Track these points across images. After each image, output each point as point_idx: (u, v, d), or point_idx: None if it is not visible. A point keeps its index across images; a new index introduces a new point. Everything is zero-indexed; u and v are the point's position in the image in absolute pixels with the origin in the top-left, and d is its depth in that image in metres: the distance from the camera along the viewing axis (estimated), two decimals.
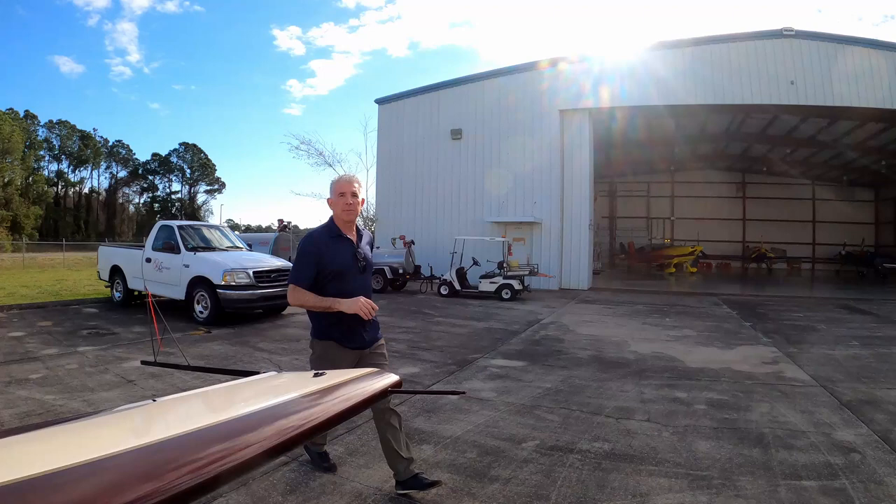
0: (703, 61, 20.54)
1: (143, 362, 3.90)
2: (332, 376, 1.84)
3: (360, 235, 3.66)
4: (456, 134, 23.28)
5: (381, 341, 3.83)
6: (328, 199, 3.58)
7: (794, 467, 4.27)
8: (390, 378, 1.86)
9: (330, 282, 3.44)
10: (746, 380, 7.18)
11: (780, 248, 34.46)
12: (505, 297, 17.03)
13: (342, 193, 3.49)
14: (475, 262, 18.21)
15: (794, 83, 19.83)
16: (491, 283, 17.36)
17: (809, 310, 15.25)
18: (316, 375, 1.86)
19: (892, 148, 26.65)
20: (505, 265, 17.78)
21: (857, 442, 4.84)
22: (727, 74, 20.36)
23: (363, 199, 3.67)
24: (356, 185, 3.56)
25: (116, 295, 13.81)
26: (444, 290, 17.87)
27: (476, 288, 17.68)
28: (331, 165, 32.79)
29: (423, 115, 24.21)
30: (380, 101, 25.76)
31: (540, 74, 22.27)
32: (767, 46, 20.24)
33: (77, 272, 23.39)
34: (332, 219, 3.59)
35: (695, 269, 31.80)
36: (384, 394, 1.79)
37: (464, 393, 6.09)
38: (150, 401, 1.65)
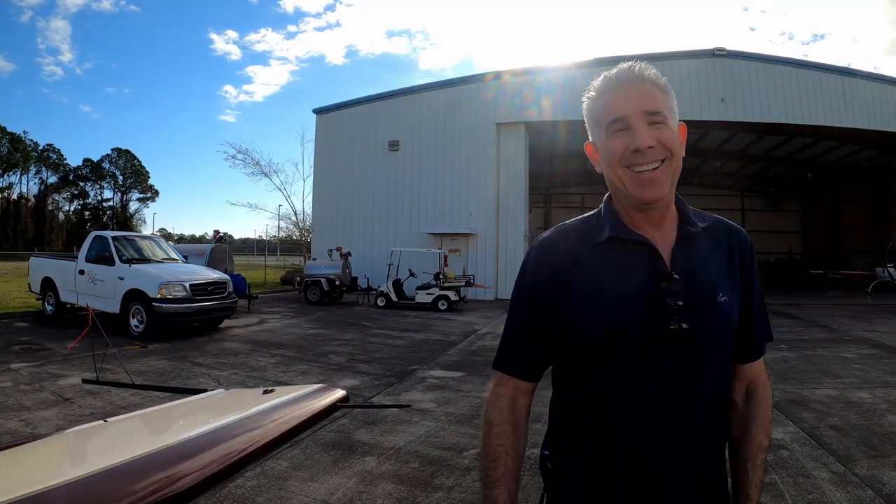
0: None
1: (84, 380, 3.80)
2: (281, 392, 1.86)
3: (686, 233, 1.30)
4: (393, 145, 23.53)
5: None
6: (586, 146, 1.41)
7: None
8: (337, 393, 1.87)
9: (588, 368, 1.30)
10: None
11: None
12: (442, 308, 17.19)
13: (616, 124, 1.25)
14: (411, 274, 18.35)
15: (725, 100, 20.82)
16: (427, 294, 17.52)
17: None
18: (266, 392, 1.88)
19: (820, 160, 28.17)
20: (441, 276, 17.96)
21: (785, 439, 5.15)
22: None
23: (680, 131, 1.29)
24: (655, 92, 1.26)
25: (48, 308, 13.30)
26: (380, 302, 17.92)
27: (413, 299, 17.77)
28: (267, 175, 32.43)
29: (360, 125, 24.33)
30: (318, 111, 25.80)
31: (477, 88, 22.78)
32: (700, 65, 21.24)
33: (5, 283, 22.34)
34: (607, 198, 1.37)
35: None
36: (332, 409, 1.80)
37: (408, 406, 6.15)
38: (102, 421, 1.68)
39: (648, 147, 1.20)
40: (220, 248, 19.66)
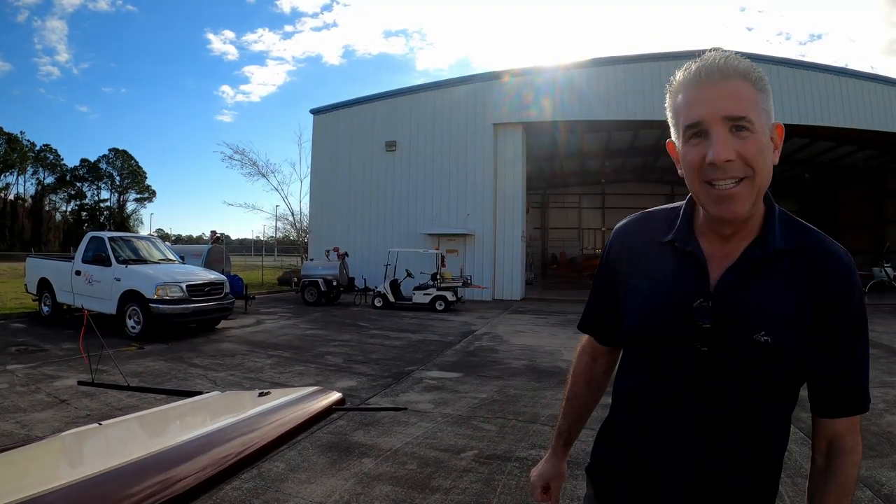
0: (636, 78, 21.34)
1: (80, 382, 3.77)
2: (277, 395, 1.84)
3: (750, 255, 1.17)
4: (391, 146, 23.53)
5: None
6: (668, 143, 1.29)
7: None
8: (333, 395, 1.84)
9: (635, 356, 1.33)
10: None
11: None
12: (439, 308, 17.21)
13: (692, 129, 1.13)
14: (409, 274, 18.34)
15: None
16: (425, 294, 17.52)
17: None
18: (261, 395, 1.87)
19: (817, 161, 28.22)
20: (438, 277, 17.96)
21: None
22: (659, 91, 21.10)
23: (775, 132, 1.19)
24: (741, 91, 1.10)
25: (45, 309, 13.27)
26: (378, 303, 17.90)
27: (410, 300, 17.78)
28: (264, 176, 32.38)
29: (358, 126, 24.32)
30: (315, 112, 25.81)
31: (474, 88, 22.78)
32: None
33: (1, 283, 22.26)
34: (690, 197, 1.29)
35: None
36: (328, 411, 1.78)
37: (405, 409, 6.13)
38: (96, 424, 1.66)
39: (726, 161, 1.07)
40: (217, 249, 19.63)
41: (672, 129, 1.23)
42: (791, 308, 1.13)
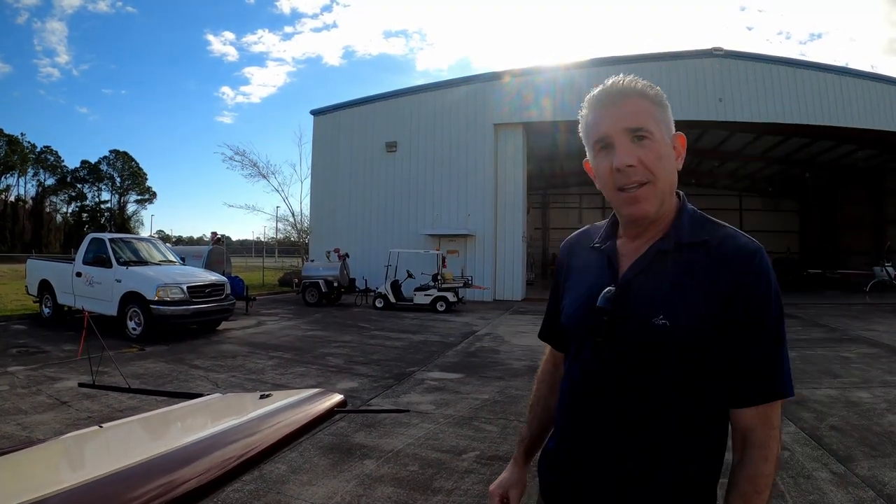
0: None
1: (80, 384, 3.76)
2: (278, 397, 1.84)
3: (656, 249, 1.27)
4: (391, 146, 23.54)
5: None
6: (585, 163, 1.45)
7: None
8: (335, 398, 1.84)
9: (570, 353, 1.41)
10: None
11: None
12: (440, 309, 17.18)
13: (599, 143, 1.29)
14: (410, 275, 18.33)
15: (723, 100, 20.82)
16: (426, 295, 17.50)
17: None
18: (263, 397, 1.86)
19: (817, 160, 28.21)
20: (439, 277, 17.93)
21: (785, 440, 5.12)
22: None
23: (677, 141, 1.29)
24: (640, 106, 1.24)
25: (46, 311, 13.28)
26: (379, 303, 17.88)
27: (411, 300, 17.75)
28: (265, 177, 32.46)
29: (358, 127, 24.32)
30: (315, 113, 25.84)
31: (475, 89, 22.78)
32: (698, 65, 21.24)
33: (2, 285, 22.29)
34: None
35: None
36: (330, 414, 1.78)
37: (407, 411, 6.12)
38: (97, 427, 1.66)
39: (628, 166, 1.19)
40: (218, 250, 19.65)
41: (586, 149, 1.37)
42: (693, 296, 1.18)
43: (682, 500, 1.22)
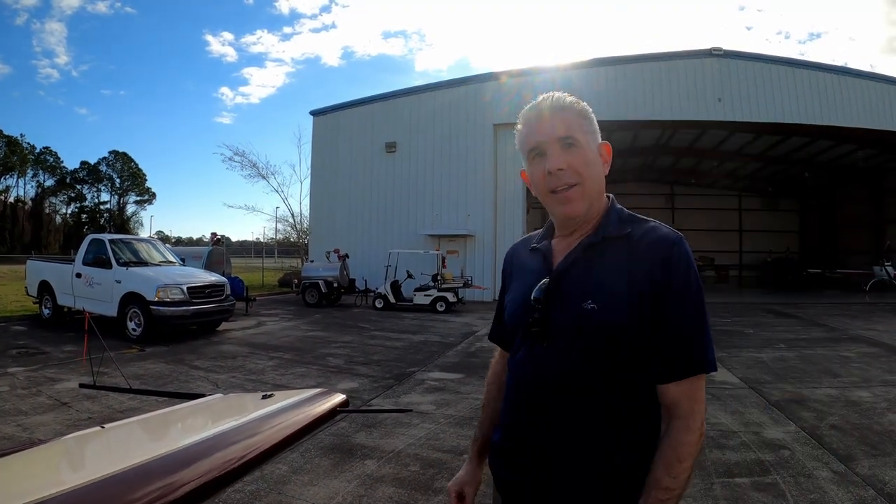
0: (637, 78, 21.36)
1: (81, 385, 3.75)
2: (280, 398, 1.83)
3: (585, 243, 1.39)
4: (391, 147, 23.55)
5: None
6: (521, 174, 1.51)
7: (727, 466, 4.50)
8: (337, 397, 1.85)
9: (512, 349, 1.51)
10: None
11: (709, 256, 35.76)
12: (440, 309, 17.17)
13: (533, 152, 1.42)
14: (409, 276, 18.32)
15: (722, 100, 20.83)
16: (425, 295, 17.49)
17: (738, 315, 15.94)
18: (265, 397, 1.86)
19: (817, 160, 28.20)
20: (439, 278, 17.92)
21: (786, 439, 5.14)
22: (660, 91, 21.20)
23: (603, 150, 1.44)
24: (568, 118, 1.42)
25: (45, 311, 13.27)
26: (378, 304, 17.88)
27: (411, 301, 17.74)
28: (264, 177, 32.46)
29: (357, 127, 24.33)
30: (314, 113, 25.84)
31: (474, 89, 22.79)
32: (697, 65, 21.25)
33: (2, 286, 22.27)
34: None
35: None
36: (332, 414, 1.78)
37: (409, 410, 6.11)
38: (99, 427, 1.65)
39: (559, 169, 1.34)
40: (218, 251, 19.63)
41: (522, 160, 1.47)
42: (618, 282, 1.29)
43: (608, 491, 1.28)
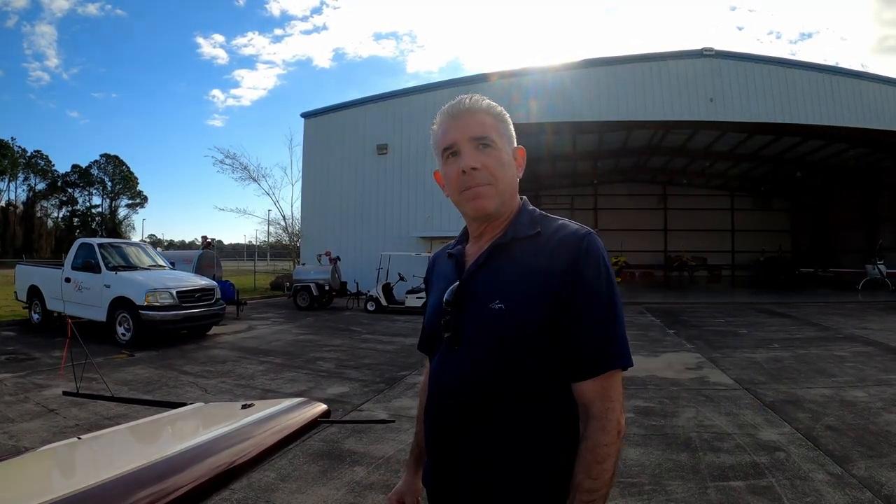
0: (629, 79, 21.35)
1: (65, 393, 3.70)
2: (260, 407, 1.79)
3: (494, 245, 1.39)
4: (382, 149, 23.52)
5: None
6: (434, 173, 1.54)
7: (722, 468, 4.46)
8: (318, 408, 1.80)
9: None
10: (672, 386, 7.43)
11: (701, 256, 35.90)
12: None
13: (448, 151, 1.41)
14: (401, 278, 18.30)
15: (713, 100, 20.87)
16: (417, 298, 17.36)
17: (731, 315, 15.97)
18: (244, 407, 1.81)
19: (808, 159, 28.30)
20: None
21: (781, 441, 5.10)
22: (651, 91, 21.22)
23: (517, 153, 1.53)
24: (485, 120, 1.41)
25: (35, 317, 13.15)
26: (370, 307, 17.85)
27: (403, 303, 17.69)
28: (255, 180, 32.32)
29: (349, 129, 24.29)
30: (305, 115, 25.78)
31: (464, 91, 22.40)
32: (689, 65, 21.28)
33: None
34: None
35: (619, 279, 32.65)
36: (313, 425, 1.73)
37: (392, 422, 5.96)
38: (76, 438, 1.60)
39: (473, 168, 1.34)
40: (208, 254, 19.49)
41: (436, 159, 1.46)
42: (527, 280, 1.29)
43: (525, 492, 1.26)
